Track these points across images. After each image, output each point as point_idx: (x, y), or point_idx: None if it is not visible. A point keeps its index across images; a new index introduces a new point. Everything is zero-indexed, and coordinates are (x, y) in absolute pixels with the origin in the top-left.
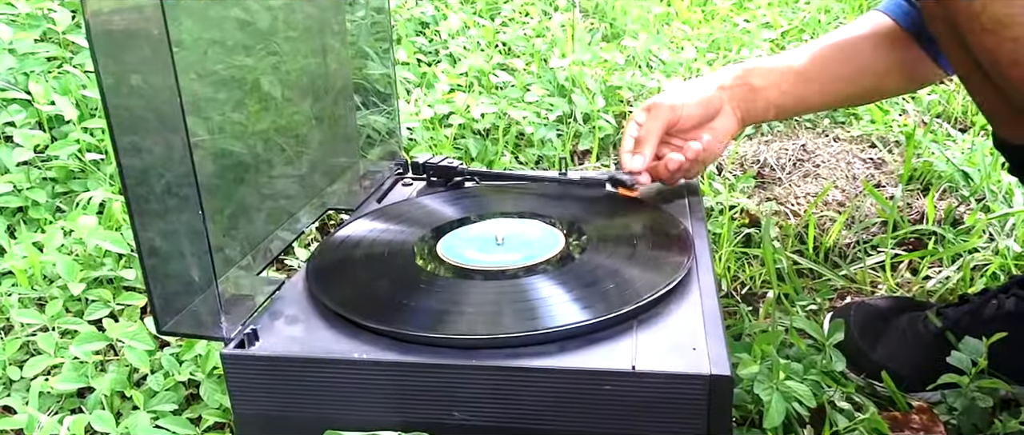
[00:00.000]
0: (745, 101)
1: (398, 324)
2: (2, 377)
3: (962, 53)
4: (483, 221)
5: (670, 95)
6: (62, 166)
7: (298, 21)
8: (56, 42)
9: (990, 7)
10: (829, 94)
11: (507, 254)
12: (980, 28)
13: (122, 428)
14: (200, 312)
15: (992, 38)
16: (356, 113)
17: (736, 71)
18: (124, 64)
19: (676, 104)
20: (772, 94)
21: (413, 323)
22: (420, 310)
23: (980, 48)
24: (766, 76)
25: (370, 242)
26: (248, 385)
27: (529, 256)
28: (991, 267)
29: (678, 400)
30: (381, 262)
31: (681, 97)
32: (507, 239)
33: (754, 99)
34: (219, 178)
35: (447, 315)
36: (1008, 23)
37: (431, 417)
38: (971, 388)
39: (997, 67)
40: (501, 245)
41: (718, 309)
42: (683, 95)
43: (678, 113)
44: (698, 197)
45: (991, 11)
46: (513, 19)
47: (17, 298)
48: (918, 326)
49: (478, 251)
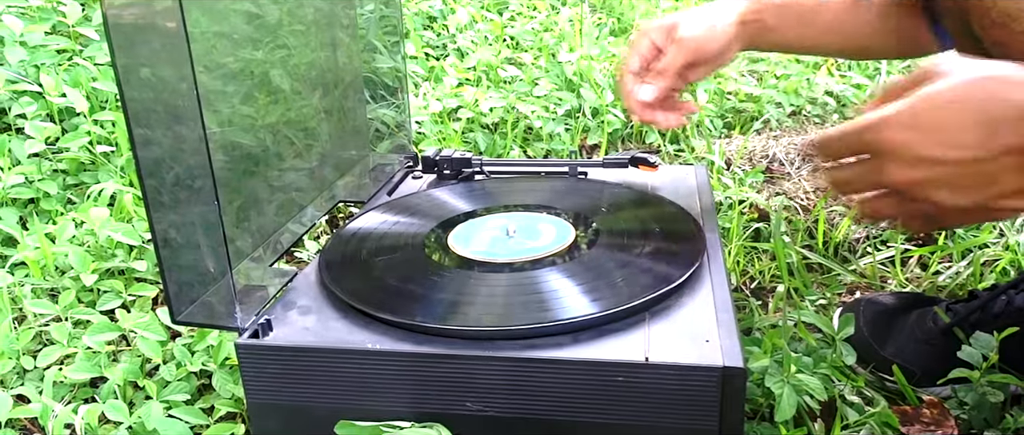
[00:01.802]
0: (753, 39)
1: (411, 315)
2: (16, 367)
3: (973, 46)
4: (493, 214)
5: (694, 27)
6: (73, 158)
7: (307, 15)
8: (66, 35)
9: (1000, 2)
10: (822, 46)
11: (518, 246)
12: (990, 22)
13: (135, 418)
14: (214, 302)
15: (1003, 31)
16: (366, 106)
17: (753, 3)
18: (140, 57)
19: (701, 45)
20: (777, 35)
21: (426, 314)
22: (433, 301)
23: (991, 41)
24: (779, 15)
25: (382, 234)
26: (262, 375)
27: (540, 249)
28: (1001, 262)
29: (691, 392)
30: (394, 254)
31: (706, 34)
32: (518, 231)
33: (761, 38)
34: (230, 170)
35: (460, 306)
36: (1018, 16)
37: (444, 408)
38: (982, 383)
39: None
40: (512, 237)
41: (730, 302)
42: (707, 32)
43: (701, 54)
44: (709, 190)
45: (1002, 6)
46: (521, 13)
47: (30, 289)
48: (927, 322)
49: (488, 245)
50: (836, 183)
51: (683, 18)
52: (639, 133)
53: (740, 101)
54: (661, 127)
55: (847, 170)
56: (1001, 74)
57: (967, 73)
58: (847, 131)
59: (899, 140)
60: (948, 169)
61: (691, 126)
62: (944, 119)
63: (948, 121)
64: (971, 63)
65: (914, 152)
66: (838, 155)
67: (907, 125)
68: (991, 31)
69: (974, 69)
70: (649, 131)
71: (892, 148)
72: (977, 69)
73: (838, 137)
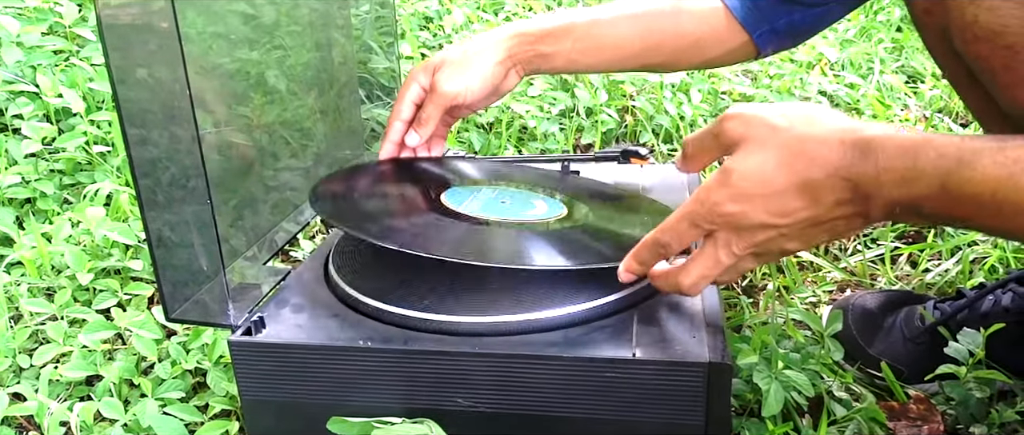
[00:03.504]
0: (531, 65)
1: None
2: (12, 365)
3: (953, 61)
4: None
5: (452, 77)
6: (69, 158)
7: (303, 15)
8: (63, 35)
9: (982, 17)
10: (625, 63)
11: (510, 212)
12: (973, 37)
13: (130, 415)
14: (207, 300)
15: (986, 46)
16: (361, 107)
17: (526, 36)
18: (134, 58)
19: (458, 95)
20: (560, 61)
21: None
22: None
23: (974, 56)
24: (558, 42)
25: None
26: (255, 372)
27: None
28: (990, 260)
29: (678, 388)
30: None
31: (463, 84)
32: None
33: (541, 64)
34: (224, 170)
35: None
36: (1001, 32)
37: (435, 403)
38: (968, 379)
39: (990, 75)
40: (505, 205)
41: (718, 298)
42: (465, 81)
43: (459, 102)
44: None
45: (984, 21)
46: (517, 14)
47: (26, 288)
48: (915, 321)
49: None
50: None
51: (448, 59)
52: (633, 133)
53: (734, 100)
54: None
55: (690, 263)
56: (806, 134)
57: (779, 139)
58: (679, 215)
59: (732, 211)
60: (790, 228)
61: (685, 125)
62: (768, 189)
63: (772, 190)
64: (775, 120)
65: (750, 220)
66: (680, 243)
67: (736, 198)
68: (973, 46)
69: (783, 131)
70: (643, 130)
71: (727, 221)
72: (787, 131)
73: (673, 225)
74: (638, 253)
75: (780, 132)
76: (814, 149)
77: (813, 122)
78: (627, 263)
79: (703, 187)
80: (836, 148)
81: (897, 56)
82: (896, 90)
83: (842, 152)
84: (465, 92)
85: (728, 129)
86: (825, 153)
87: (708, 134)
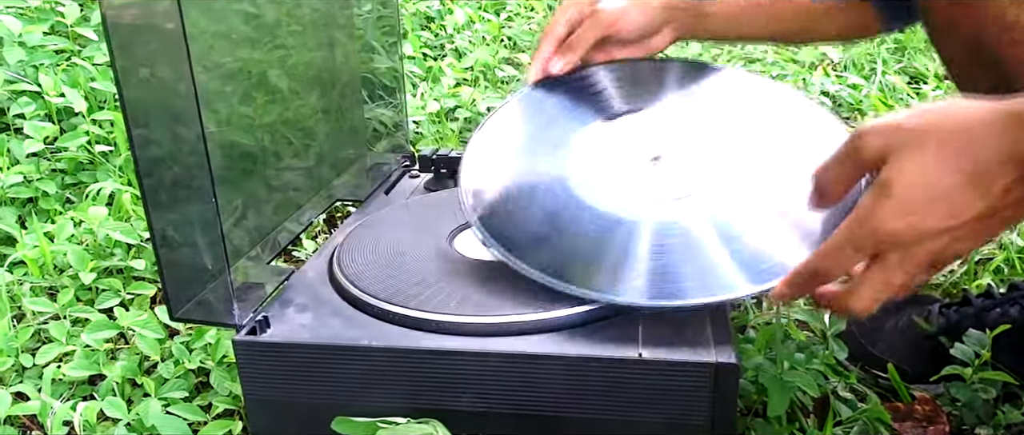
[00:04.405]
0: (686, 25)
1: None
2: (15, 364)
3: (981, 71)
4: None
5: (613, 4)
6: (72, 157)
7: (305, 15)
8: (65, 35)
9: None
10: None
11: None
12: (1011, 40)
13: (133, 415)
14: (211, 300)
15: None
16: (363, 106)
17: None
18: (139, 57)
19: (618, 19)
20: (716, 22)
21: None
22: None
23: (1011, 59)
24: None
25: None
26: (259, 371)
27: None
28: (995, 260)
29: (683, 388)
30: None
31: (624, 10)
32: None
33: (697, 25)
34: (228, 170)
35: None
36: None
37: (440, 403)
38: (974, 380)
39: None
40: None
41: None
42: (628, 8)
43: (617, 28)
44: None
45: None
46: (519, 14)
47: (29, 287)
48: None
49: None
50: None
51: None
52: None
53: None
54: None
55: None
56: (962, 123)
57: (930, 137)
58: (838, 240)
59: (899, 228)
60: (963, 228)
61: None
62: (936, 192)
63: (941, 191)
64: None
65: (921, 231)
66: (841, 270)
67: (902, 211)
68: (1012, 49)
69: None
70: None
71: (896, 239)
72: (936, 128)
73: (834, 251)
74: (792, 281)
75: (931, 130)
76: (980, 135)
77: (956, 111)
78: (779, 291)
79: (861, 206)
80: (998, 129)
81: (900, 57)
82: (899, 91)
83: (1005, 131)
84: (624, 20)
85: (867, 146)
86: (990, 137)
87: (842, 158)
